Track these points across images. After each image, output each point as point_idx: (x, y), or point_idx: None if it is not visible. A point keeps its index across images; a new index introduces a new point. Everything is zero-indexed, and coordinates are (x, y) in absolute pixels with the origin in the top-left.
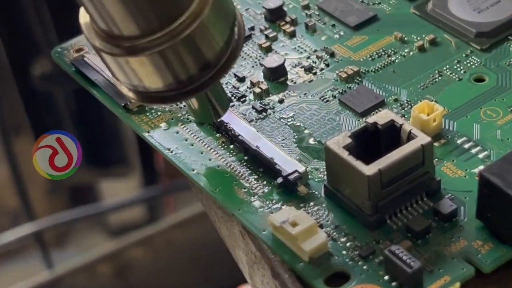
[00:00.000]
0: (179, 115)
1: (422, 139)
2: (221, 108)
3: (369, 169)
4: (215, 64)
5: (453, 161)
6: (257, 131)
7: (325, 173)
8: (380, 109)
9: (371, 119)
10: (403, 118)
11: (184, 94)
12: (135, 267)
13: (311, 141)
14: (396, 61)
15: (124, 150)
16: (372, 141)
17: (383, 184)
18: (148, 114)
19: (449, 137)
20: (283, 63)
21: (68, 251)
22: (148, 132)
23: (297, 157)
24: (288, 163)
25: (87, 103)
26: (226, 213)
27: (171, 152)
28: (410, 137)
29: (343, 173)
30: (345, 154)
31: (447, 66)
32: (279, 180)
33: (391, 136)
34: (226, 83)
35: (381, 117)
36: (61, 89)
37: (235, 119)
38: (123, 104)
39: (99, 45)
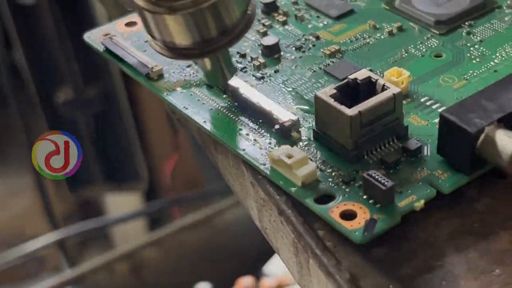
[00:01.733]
0: (192, 82)
1: (394, 90)
2: (229, 73)
3: (351, 111)
4: (231, 31)
5: (417, 114)
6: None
7: (313, 122)
8: None
9: (352, 76)
10: None
11: (205, 53)
12: (149, 266)
13: (301, 99)
14: (370, 42)
15: (135, 167)
16: (353, 94)
17: (362, 124)
18: (166, 81)
19: (414, 96)
20: (278, 42)
21: (89, 252)
22: (167, 95)
23: (291, 111)
24: (283, 113)
25: (105, 126)
26: (238, 169)
27: (186, 108)
28: (384, 88)
29: (330, 117)
30: (331, 101)
31: (412, 46)
32: (276, 127)
33: (368, 89)
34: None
35: (360, 74)
36: (82, 114)
37: (239, 83)
38: (145, 74)
39: (143, 4)
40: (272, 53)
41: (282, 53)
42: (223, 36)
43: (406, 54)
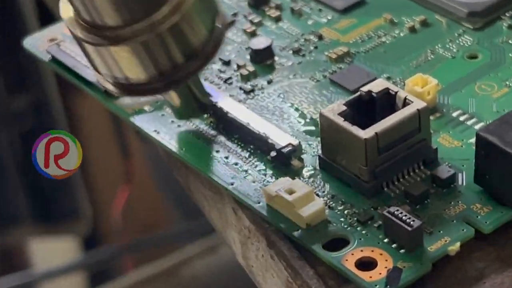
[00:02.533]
0: (163, 99)
1: (418, 104)
2: (204, 98)
3: (366, 133)
4: (200, 52)
5: (449, 132)
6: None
7: (319, 147)
8: None
9: (365, 88)
10: None
11: (171, 84)
12: None
13: (302, 118)
14: (387, 42)
15: (74, 202)
16: (367, 110)
17: (380, 149)
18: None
19: (444, 110)
20: (271, 44)
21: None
22: (133, 116)
23: (290, 134)
24: (281, 137)
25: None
26: (216, 193)
27: (158, 133)
28: (406, 103)
29: (339, 141)
30: (340, 120)
31: (439, 45)
32: (273, 154)
33: (386, 104)
34: (210, 69)
35: (376, 85)
36: (6, 132)
37: (222, 98)
38: (104, 90)
39: (81, 35)
40: (263, 59)
41: (276, 58)
42: (190, 61)
43: (432, 56)
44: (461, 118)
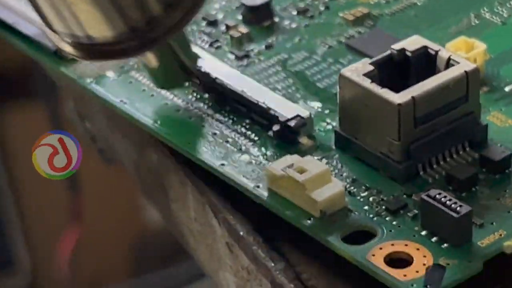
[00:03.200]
0: (132, 61)
1: (466, 65)
2: (190, 62)
3: (400, 97)
4: (182, 2)
5: (501, 109)
6: None
7: (335, 121)
8: None
9: (397, 45)
10: None
11: (143, 44)
12: None
13: (312, 89)
14: (418, 4)
15: (8, 248)
16: (400, 74)
17: (417, 119)
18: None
19: (495, 84)
20: (269, 1)
21: None
22: (92, 83)
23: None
24: (286, 107)
25: None
26: (205, 224)
27: (125, 103)
28: (450, 64)
29: (364, 110)
30: (366, 82)
31: (485, 9)
32: (275, 128)
33: (424, 66)
34: (191, 30)
35: (411, 42)
36: None
37: (209, 60)
38: (54, 50)
39: None
40: (260, 18)
41: (276, 19)
42: (170, 12)
43: (477, 21)
44: None
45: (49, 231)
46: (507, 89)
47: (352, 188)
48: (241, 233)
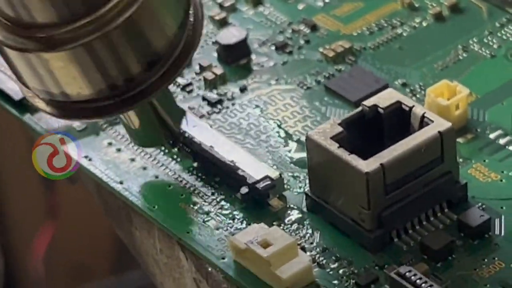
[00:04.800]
0: None
1: (440, 124)
2: (174, 121)
3: (368, 165)
4: (166, 59)
5: (484, 161)
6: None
7: (307, 179)
8: None
9: (369, 102)
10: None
11: (122, 103)
12: None
13: (286, 141)
14: (404, 34)
15: None
16: (371, 133)
17: (387, 186)
18: None
19: (479, 130)
20: (245, 38)
21: None
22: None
23: (268, 163)
24: (256, 167)
25: None
26: (172, 257)
27: (89, 159)
28: (424, 123)
29: (332, 175)
30: (334, 147)
31: (475, 40)
32: (244, 190)
33: (397, 124)
34: None
35: (383, 98)
36: None
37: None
38: (18, 99)
39: (2, 37)
40: (236, 57)
41: (253, 56)
42: (151, 71)
43: (464, 55)
44: (501, 141)
45: (23, 227)
46: (492, 136)
47: (321, 258)
48: (210, 269)
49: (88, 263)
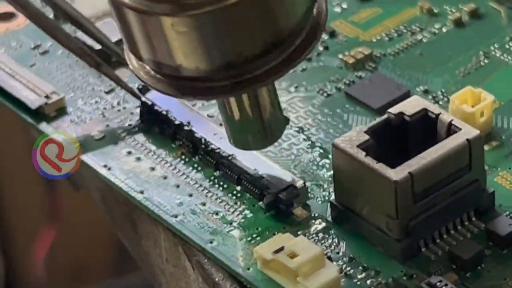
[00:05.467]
0: (117, 120)
1: (468, 132)
2: (275, 126)
3: (397, 174)
4: (291, 41)
5: (510, 168)
6: None
7: (331, 188)
8: None
9: (395, 109)
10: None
11: (235, 85)
12: None
13: (308, 148)
14: (424, 40)
15: None
16: (397, 140)
17: (416, 195)
18: (71, 119)
19: (503, 137)
20: None
21: None
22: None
23: (291, 171)
24: (279, 176)
25: None
26: (178, 266)
27: (108, 169)
28: (451, 130)
29: (359, 184)
30: (361, 155)
31: (496, 45)
32: (267, 199)
33: (424, 131)
34: None
35: (410, 105)
36: None
37: (199, 121)
38: (35, 108)
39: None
40: None
41: None
42: (273, 52)
43: (486, 61)
44: None
45: (25, 232)
46: None
47: (348, 268)
48: (217, 279)
49: (88, 265)
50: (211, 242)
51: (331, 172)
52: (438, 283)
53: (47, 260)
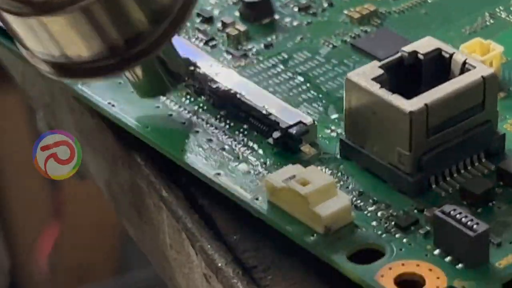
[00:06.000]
0: None
1: (483, 70)
2: (179, 68)
3: (412, 105)
4: (167, 13)
5: None
6: None
7: (339, 129)
8: None
9: (409, 47)
10: None
11: (123, 62)
12: None
13: (316, 92)
14: (429, 0)
15: None
16: (410, 79)
17: (429, 128)
18: None
19: (511, 89)
20: None
21: None
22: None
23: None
24: (288, 112)
25: None
26: (181, 253)
27: (113, 106)
28: (465, 69)
29: (372, 117)
30: (375, 88)
31: (501, 7)
32: (276, 134)
33: (437, 70)
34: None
35: (423, 44)
36: None
37: (204, 59)
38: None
39: (1, 2)
40: (259, 15)
41: (276, 16)
42: (152, 27)
43: (492, 21)
44: None
45: (29, 227)
46: None
47: (358, 201)
48: (220, 264)
49: (92, 264)
50: (218, 174)
51: (339, 114)
52: (452, 211)
53: (51, 258)
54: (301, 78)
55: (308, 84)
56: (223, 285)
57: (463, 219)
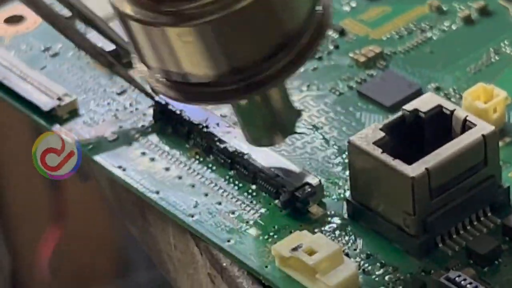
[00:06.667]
0: (130, 121)
1: (483, 128)
2: (288, 118)
3: (414, 170)
4: (296, 41)
5: None
6: None
7: (347, 186)
8: None
9: (409, 106)
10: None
11: (244, 89)
12: None
13: (322, 146)
14: (434, 38)
15: None
16: (412, 137)
17: (432, 191)
18: (84, 121)
19: None
20: None
21: None
22: (88, 146)
23: (306, 169)
24: (295, 174)
25: None
26: (186, 253)
27: (123, 170)
28: (466, 126)
29: (375, 180)
30: (377, 152)
31: (506, 42)
32: (283, 197)
33: (439, 128)
34: None
35: (424, 102)
36: None
37: (213, 120)
38: (47, 110)
39: (130, 11)
40: None
41: None
42: (280, 53)
43: (497, 57)
44: None
45: (31, 231)
46: None
47: (366, 265)
48: (224, 264)
49: (93, 266)
50: (228, 241)
51: (346, 170)
52: (456, 278)
53: (53, 260)
54: (309, 132)
55: (316, 136)
56: (228, 285)
57: (468, 286)
